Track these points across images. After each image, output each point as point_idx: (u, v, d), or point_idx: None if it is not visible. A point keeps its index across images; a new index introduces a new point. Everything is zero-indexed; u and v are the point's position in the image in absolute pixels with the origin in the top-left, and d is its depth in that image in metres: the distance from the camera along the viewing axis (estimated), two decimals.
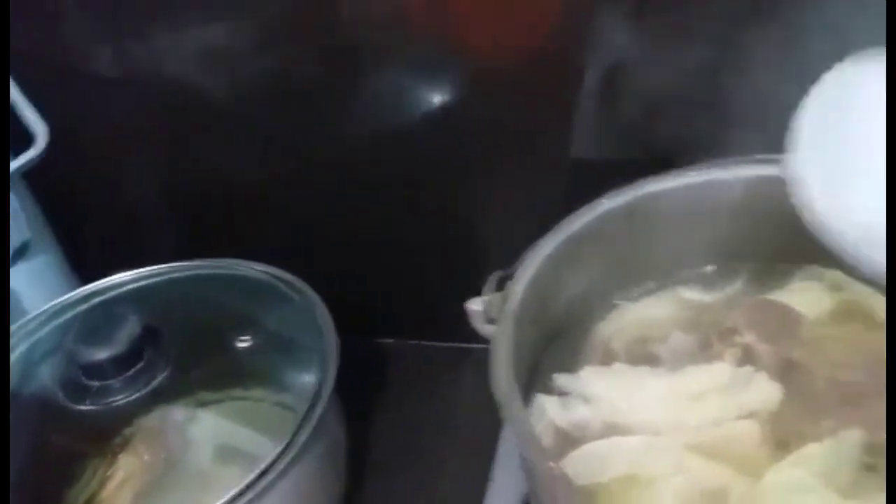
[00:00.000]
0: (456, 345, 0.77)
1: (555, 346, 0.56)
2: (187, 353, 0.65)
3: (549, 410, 0.49)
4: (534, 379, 0.53)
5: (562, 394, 0.52)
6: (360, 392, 0.75)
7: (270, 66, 0.68)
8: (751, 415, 0.49)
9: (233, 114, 0.71)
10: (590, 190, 0.57)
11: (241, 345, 0.66)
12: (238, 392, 0.68)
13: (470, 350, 0.73)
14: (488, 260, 0.54)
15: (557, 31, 0.63)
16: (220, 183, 0.76)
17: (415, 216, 0.74)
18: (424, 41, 0.65)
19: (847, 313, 0.55)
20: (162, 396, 0.62)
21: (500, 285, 0.49)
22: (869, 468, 0.46)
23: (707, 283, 0.60)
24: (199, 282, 0.70)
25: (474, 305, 0.48)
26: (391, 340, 0.85)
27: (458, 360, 0.77)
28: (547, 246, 0.52)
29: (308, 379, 0.61)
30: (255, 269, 0.69)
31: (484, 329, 0.48)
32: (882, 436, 0.46)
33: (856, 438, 0.45)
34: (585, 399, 0.51)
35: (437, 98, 0.68)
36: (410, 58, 0.66)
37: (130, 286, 0.71)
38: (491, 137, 0.68)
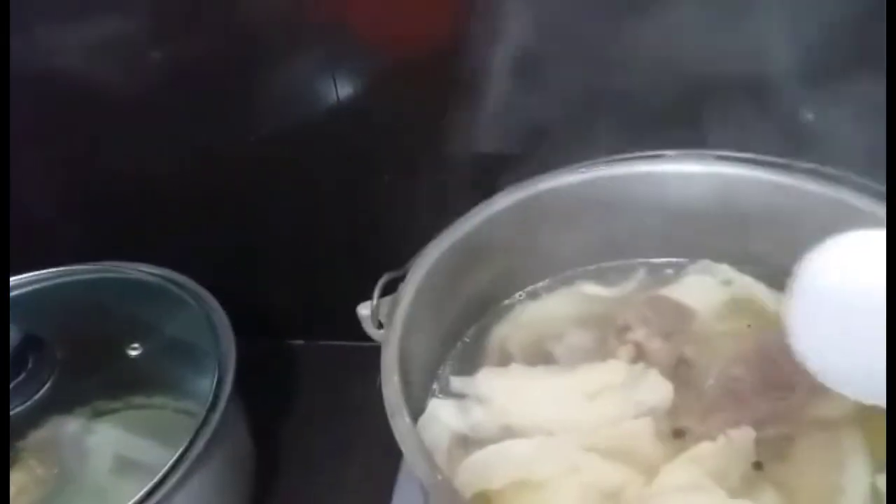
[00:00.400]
0: (366, 344, 0.76)
1: (455, 349, 0.56)
2: (76, 361, 0.62)
3: (443, 415, 0.49)
4: (431, 382, 0.53)
5: (459, 397, 0.51)
6: (268, 395, 0.74)
7: (169, 61, 0.66)
8: (645, 413, 0.49)
9: (131, 110, 0.68)
10: (493, 186, 0.56)
11: (133, 352, 0.63)
12: (139, 400, 0.66)
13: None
14: (393, 258, 0.53)
15: (459, 24, 0.62)
16: (120, 182, 0.73)
17: (319, 215, 0.72)
18: (326, 36, 0.63)
19: (737, 307, 0.56)
20: (53, 407, 0.60)
21: (392, 288, 0.48)
22: (756, 466, 0.47)
23: (605, 278, 0.60)
24: (87, 286, 0.67)
25: (363, 310, 0.47)
26: (301, 342, 0.83)
27: (368, 359, 0.76)
28: (439, 247, 0.51)
29: (208, 384, 0.59)
30: (146, 273, 0.66)
31: (374, 333, 0.47)
32: (767, 432, 0.48)
33: (748, 438, 0.46)
34: (481, 401, 0.50)
35: (339, 94, 0.66)
36: (313, 53, 0.64)
37: (14, 293, 0.67)
38: (393, 134, 0.67)
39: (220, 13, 0.63)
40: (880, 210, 0.51)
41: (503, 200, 0.55)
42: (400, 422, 0.40)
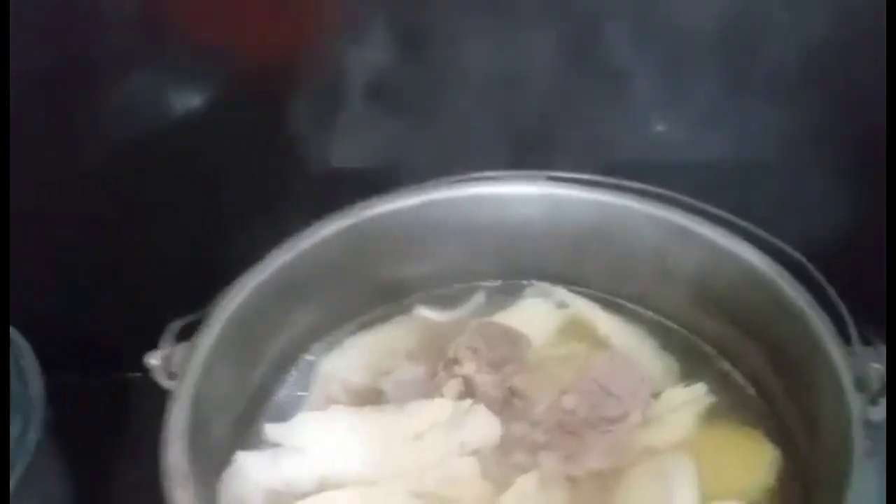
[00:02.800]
0: None
1: (276, 394, 0.52)
2: None
3: (252, 469, 0.44)
4: (247, 432, 0.48)
5: (273, 445, 0.47)
6: (99, 433, 0.67)
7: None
8: (472, 452, 0.47)
9: None
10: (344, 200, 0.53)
11: None
12: None
13: None
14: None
15: (317, 36, 0.58)
16: None
17: (140, 236, 0.65)
18: (181, 42, 0.58)
19: (572, 330, 0.55)
20: None
21: (191, 332, 0.43)
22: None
23: (442, 303, 0.57)
24: None
25: (153, 360, 0.41)
26: (139, 374, 0.77)
27: None
28: (250, 282, 0.47)
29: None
30: None
31: (166, 384, 0.41)
32: (596, 465, 0.46)
33: (557, 469, 0.44)
34: (298, 450, 0.46)
35: (187, 104, 0.60)
36: (165, 60, 0.59)
37: None
38: (241, 145, 0.62)
39: (76, 20, 0.56)
40: (706, 230, 0.51)
41: (334, 224, 0.51)
42: (178, 494, 0.35)
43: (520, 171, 0.54)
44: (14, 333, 0.58)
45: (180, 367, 0.41)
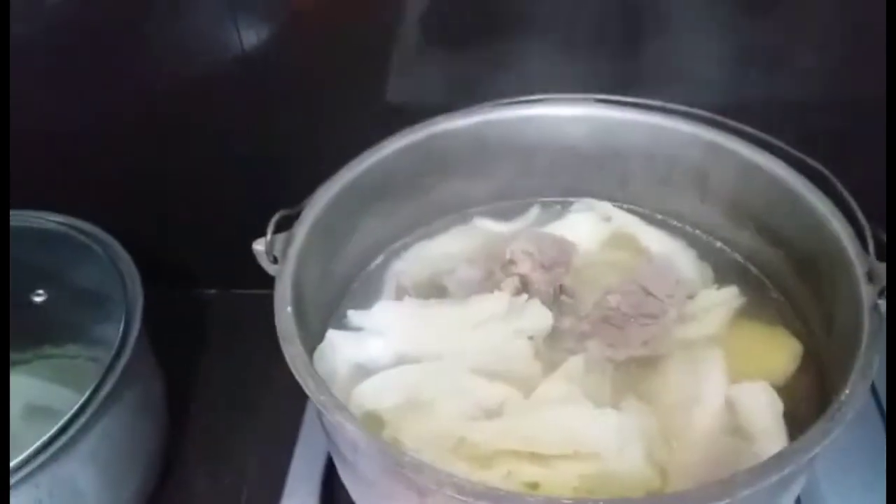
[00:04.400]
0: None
1: (353, 285, 0.59)
2: None
3: (341, 345, 0.51)
4: (329, 317, 0.56)
5: (356, 329, 0.54)
6: (181, 343, 0.75)
7: (65, 7, 0.65)
8: (526, 338, 0.53)
9: (31, 62, 0.67)
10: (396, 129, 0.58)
11: (37, 299, 0.63)
12: (48, 349, 0.67)
13: None
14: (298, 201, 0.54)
15: None
16: (26, 133, 0.71)
17: (223, 162, 0.72)
18: None
19: (616, 241, 0.61)
20: None
21: (288, 225, 0.50)
22: (626, 385, 0.51)
23: (501, 215, 0.63)
24: None
25: (258, 245, 0.49)
26: (213, 291, 0.84)
27: None
28: (332, 187, 0.53)
29: (117, 332, 0.59)
30: (50, 221, 0.65)
31: (269, 268, 0.49)
32: (636, 353, 0.52)
33: (602, 354, 0.51)
34: (377, 333, 0.53)
35: (243, 40, 0.66)
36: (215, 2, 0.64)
37: None
38: (298, 82, 0.68)
39: None
40: (745, 149, 0.56)
41: (396, 143, 0.57)
42: (290, 348, 0.43)
43: (570, 95, 0.59)
44: (113, 241, 0.65)
45: (281, 252, 0.48)
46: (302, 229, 0.50)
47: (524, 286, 0.56)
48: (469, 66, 0.65)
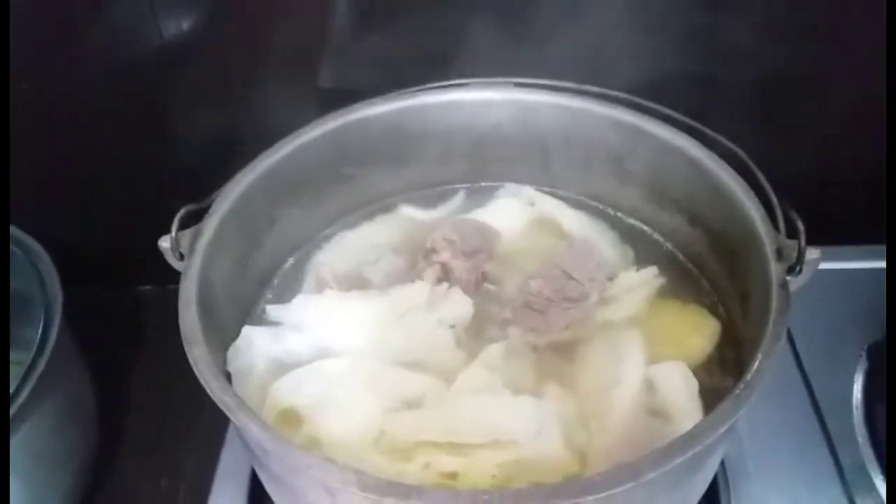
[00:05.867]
0: None
1: (274, 279, 0.58)
2: None
3: (257, 341, 0.51)
4: (246, 314, 0.55)
5: (275, 324, 0.53)
6: (111, 342, 0.73)
7: None
8: (448, 327, 0.53)
9: None
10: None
11: None
12: None
13: None
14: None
15: None
16: None
17: (145, 156, 0.70)
18: None
19: (539, 225, 0.61)
20: None
21: (196, 219, 0.49)
22: (548, 371, 0.51)
23: (425, 203, 0.63)
24: None
25: (164, 242, 0.47)
26: (149, 287, 0.83)
27: None
28: (246, 177, 0.52)
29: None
30: None
31: (177, 265, 0.48)
32: (558, 337, 0.52)
33: (523, 340, 0.51)
34: (296, 327, 0.52)
35: (164, 31, 0.64)
36: None
37: None
38: (218, 70, 0.66)
39: None
40: (663, 131, 0.56)
41: (312, 131, 0.56)
42: (193, 349, 0.42)
43: (488, 79, 0.59)
44: (32, 241, 0.62)
45: (188, 248, 0.47)
46: (210, 223, 0.49)
47: (445, 274, 0.55)
48: (395, 51, 0.64)
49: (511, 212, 0.60)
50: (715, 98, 0.61)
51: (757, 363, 0.43)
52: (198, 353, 0.42)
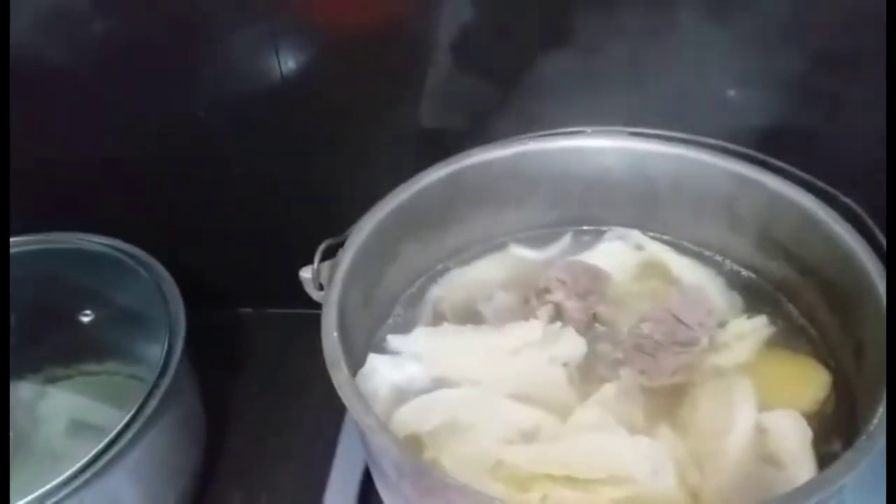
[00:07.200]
0: (313, 311, 0.78)
1: (393, 310, 0.61)
2: (27, 329, 0.64)
3: (381, 368, 0.53)
4: (370, 341, 0.58)
5: (395, 353, 0.56)
6: (219, 362, 0.78)
7: (112, 34, 0.67)
8: (561, 365, 0.55)
9: (75, 83, 0.70)
10: (434, 159, 0.60)
11: (84, 319, 0.66)
12: (91, 367, 0.69)
13: None
14: (337, 228, 0.56)
15: (403, 3, 0.64)
16: (72, 154, 0.74)
17: (265, 187, 0.75)
18: (270, 13, 0.66)
19: (648, 269, 0.62)
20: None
21: (332, 253, 0.52)
22: (658, 412, 0.53)
23: (534, 244, 0.65)
24: (40, 256, 0.68)
25: (305, 273, 0.51)
26: (250, 310, 0.86)
27: (315, 326, 0.79)
28: (375, 216, 0.56)
29: (159, 351, 0.61)
30: (96, 243, 0.68)
31: (315, 295, 0.51)
32: (668, 381, 0.54)
33: (637, 382, 0.52)
34: (416, 357, 0.55)
35: (283, 69, 0.69)
36: (256, 30, 0.67)
37: None
38: (338, 110, 0.70)
39: None
40: (775, 182, 0.57)
41: (435, 173, 0.59)
42: (338, 373, 0.45)
43: (602, 127, 0.61)
44: (159, 267, 0.67)
45: (327, 279, 0.50)
46: (347, 256, 0.52)
47: (558, 314, 0.58)
48: (499, 95, 0.67)
49: (619, 255, 0.62)
50: (826, 148, 0.62)
51: (878, 418, 0.43)
52: (341, 378, 0.45)
